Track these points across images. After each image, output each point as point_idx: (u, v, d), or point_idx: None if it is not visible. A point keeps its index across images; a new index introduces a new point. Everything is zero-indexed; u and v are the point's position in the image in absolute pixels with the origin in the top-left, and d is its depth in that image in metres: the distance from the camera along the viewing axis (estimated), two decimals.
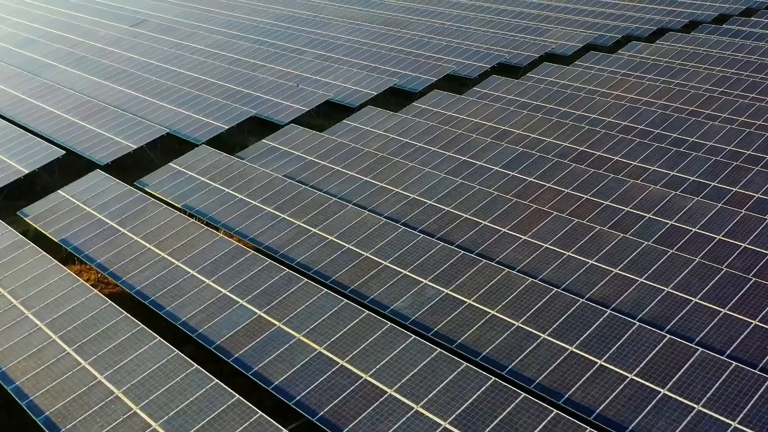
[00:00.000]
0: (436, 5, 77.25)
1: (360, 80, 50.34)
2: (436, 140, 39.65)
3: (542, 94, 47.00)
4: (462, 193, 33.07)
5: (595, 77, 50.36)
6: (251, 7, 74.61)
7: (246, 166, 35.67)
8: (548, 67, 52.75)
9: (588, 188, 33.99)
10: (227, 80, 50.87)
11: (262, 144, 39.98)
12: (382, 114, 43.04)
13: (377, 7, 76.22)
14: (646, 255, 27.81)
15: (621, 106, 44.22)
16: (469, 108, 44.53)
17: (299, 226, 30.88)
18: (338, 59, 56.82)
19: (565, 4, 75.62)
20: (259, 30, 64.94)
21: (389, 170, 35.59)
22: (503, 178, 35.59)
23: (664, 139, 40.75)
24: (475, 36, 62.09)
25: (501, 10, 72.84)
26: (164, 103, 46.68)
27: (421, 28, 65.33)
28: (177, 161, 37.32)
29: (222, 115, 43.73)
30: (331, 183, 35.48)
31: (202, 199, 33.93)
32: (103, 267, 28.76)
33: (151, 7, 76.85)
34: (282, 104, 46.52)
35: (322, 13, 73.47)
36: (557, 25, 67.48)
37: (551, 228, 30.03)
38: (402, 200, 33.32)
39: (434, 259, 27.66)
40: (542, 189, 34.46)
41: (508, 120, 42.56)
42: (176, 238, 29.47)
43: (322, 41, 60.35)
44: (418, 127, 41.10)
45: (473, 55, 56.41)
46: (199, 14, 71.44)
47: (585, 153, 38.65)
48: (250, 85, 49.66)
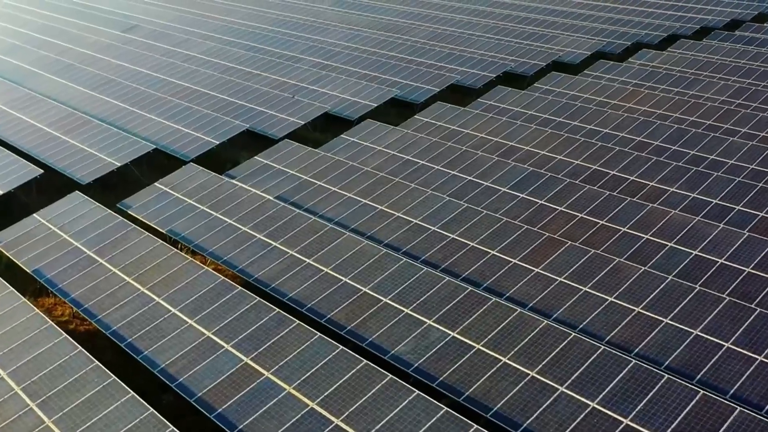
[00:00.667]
0: (438, 10, 74.89)
1: (359, 90, 47.95)
2: (439, 157, 37.25)
3: (551, 107, 44.60)
4: (468, 218, 30.67)
5: (606, 88, 47.96)
6: (247, 11, 72.23)
7: (236, 188, 33.27)
8: (556, 77, 50.35)
9: (603, 213, 31.59)
10: (220, 90, 48.47)
11: (254, 161, 37.58)
12: (382, 128, 40.65)
13: (377, 12, 73.86)
14: (670, 292, 25.41)
15: (634, 120, 41.83)
16: (474, 121, 42.14)
17: (292, 256, 28.47)
18: (337, 67, 54.43)
19: (571, 9, 73.23)
20: (255, 36, 62.55)
21: (390, 191, 33.19)
22: (512, 200, 33.19)
23: (681, 156, 38.35)
24: (479, 43, 59.71)
25: (505, 15, 70.47)
26: (153, 115, 44.28)
27: (423, 35, 62.96)
28: (163, 181, 34.92)
29: (213, 129, 41.34)
30: (328, 205, 33.09)
31: (189, 223, 31.53)
32: (78, 303, 26.35)
33: (144, 11, 74.49)
34: (277, 117, 44.13)
35: (320, 18, 71.11)
36: (564, 32, 65.11)
37: (566, 259, 27.63)
38: (403, 226, 30.93)
39: (439, 296, 25.26)
40: (554, 213, 32.06)
41: (516, 135, 40.16)
42: (158, 270, 27.07)
43: (320, 48, 57.97)
44: (421, 143, 38.71)
45: (477, 63, 54.02)
46: (193, 19, 69.07)
47: (598, 172, 36.25)
48: (243, 95, 47.27)
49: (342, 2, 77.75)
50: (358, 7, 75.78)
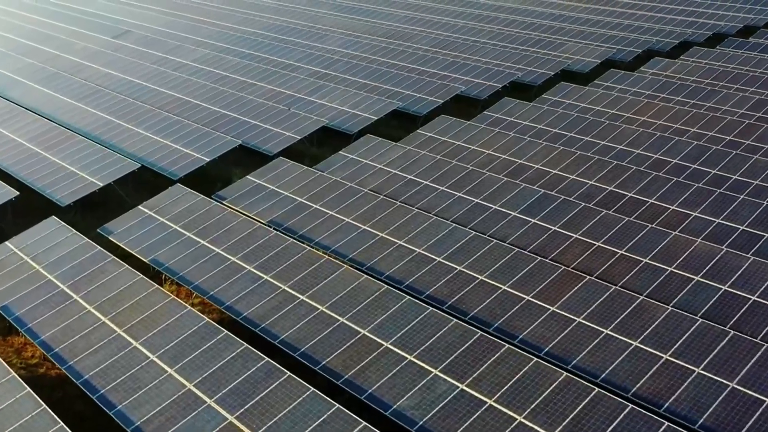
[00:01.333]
0: (441, 15, 72.47)
1: (359, 102, 45.52)
2: (444, 177, 34.83)
3: (561, 121, 42.19)
4: (476, 247, 28.25)
5: (618, 100, 45.54)
6: (243, 17, 69.81)
7: (225, 212, 30.85)
8: (566, 88, 47.94)
9: (623, 241, 29.17)
10: (212, 102, 46.05)
11: (246, 181, 35.16)
12: (383, 144, 38.24)
13: (378, 17, 71.44)
14: (701, 336, 23.00)
15: (650, 136, 39.41)
16: (481, 137, 39.72)
17: (284, 292, 26.05)
18: (335, 77, 52.01)
19: (578, 14, 70.80)
20: (251, 43, 60.13)
21: (391, 216, 30.77)
22: (523, 226, 30.77)
23: (702, 176, 35.93)
24: (484, 50, 57.30)
25: (510, 21, 68.04)
26: (140, 129, 41.86)
27: (426, 41, 60.54)
28: (147, 204, 32.51)
29: (204, 145, 38.92)
30: (324, 232, 30.67)
31: (173, 252, 29.12)
32: (48, 346, 23.94)
33: (136, 16, 72.07)
34: (272, 131, 41.71)
35: (318, 24, 68.69)
36: (572, 38, 62.70)
37: (584, 296, 25.22)
38: (406, 255, 28.50)
39: (446, 341, 22.84)
40: (569, 241, 29.64)
41: (525, 152, 37.74)
42: (137, 309, 24.65)
43: (318, 56, 55.55)
44: (424, 160, 36.29)
45: (483, 72, 51.59)
46: (186, 25, 66.64)
47: (614, 194, 33.83)
48: (237, 107, 44.85)
49: (341, 7, 75.37)
50: (358, 12, 73.38)
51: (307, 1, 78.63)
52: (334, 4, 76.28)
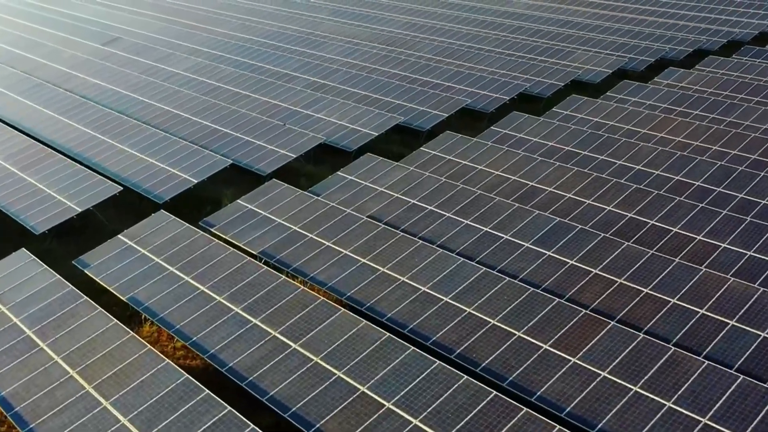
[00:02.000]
0: (444, 21, 69.85)
1: (359, 116, 42.92)
2: (450, 202, 32.23)
3: (573, 137, 39.59)
4: (486, 286, 25.65)
5: (633, 114, 42.93)
6: (239, 23, 67.19)
7: (212, 244, 28.24)
8: (577, 101, 45.34)
9: (647, 278, 26.55)
10: (203, 115, 43.45)
11: (236, 206, 32.56)
12: (384, 164, 35.64)
13: (379, 22, 68.82)
14: (742, 397, 20.40)
15: (670, 155, 36.81)
16: (488, 155, 37.12)
17: (275, 339, 23.46)
18: (334, 88, 49.41)
19: (587, 21, 68.18)
20: (246, 51, 57.52)
21: (393, 248, 28.17)
22: (537, 259, 28.16)
23: (728, 200, 33.32)
24: (489, 59, 54.68)
25: (516, 27, 65.41)
26: (125, 146, 39.26)
27: (429, 49, 57.93)
28: (128, 233, 29.92)
29: (192, 165, 36.32)
30: (320, 265, 28.07)
31: (154, 290, 26.52)
32: (8, 404, 21.35)
33: (128, 22, 69.47)
34: (266, 148, 39.10)
35: (317, 30, 66.08)
36: (581, 46, 60.08)
37: (608, 346, 22.62)
38: (409, 294, 25.90)
39: (456, 402, 20.24)
40: (588, 277, 27.02)
41: (536, 173, 35.14)
42: (109, 360, 22.06)
43: (316, 65, 52.94)
44: (428, 183, 33.68)
45: (489, 84, 48.98)
46: (179, 31, 64.04)
47: (635, 222, 31.21)
48: (229, 122, 42.24)
49: (341, 12, 72.79)
50: (358, 18, 70.77)
51: (306, 7, 76.07)
52: (333, 10, 73.71)
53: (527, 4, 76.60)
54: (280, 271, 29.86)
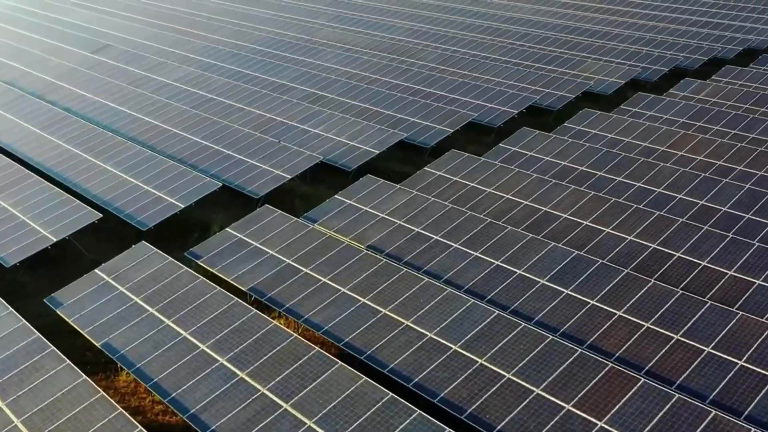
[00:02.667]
0: (448, 28, 67.24)
1: (359, 132, 40.36)
2: (457, 231, 29.66)
3: (588, 156, 37.03)
4: (500, 332, 23.09)
5: (651, 130, 40.37)
6: (234, 29, 64.62)
7: (197, 282, 25.67)
8: (590, 115, 42.78)
9: (677, 322, 23.99)
10: (193, 131, 40.88)
11: (225, 235, 29.99)
12: (386, 188, 33.07)
13: (380, 29, 66.22)
14: None
15: (693, 177, 34.24)
16: (497, 177, 34.55)
17: (263, 397, 20.88)
18: (332, 100, 46.83)
19: (597, 27, 65.61)
20: (240, 59, 54.95)
21: (396, 287, 25.61)
22: (554, 298, 25.59)
23: (759, 229, 30.74)
24: (495, 69, 52.11)
25: (523, 34, 62.82)
26: (108, 165, 36.71)
27: (432, 58, 55.35)
28: (106, 267, 27.36)
29: (180, 187, 33.77)
30: (315, 305, 25.51)
31: (132, 335, 23.95)
32: None
33: (120, 28, 66.90)
34: (259, 168, 36.54)
35: (315, 37, 63.51)
36: (591, 54, 57.50)
37: (639, 408, 20.05)
38: (414, 341, 23.34)
39: None
40: (611, 320, 24.45)
41: (549, 197, 32.57)
42: (75, 426, 19.48)
43: (314, 75, 50.37)
44: (433, 209, 31.11)
45: (496, 96, 46.41)
46: (172, 38, 61.47)
47: (660, 254, 28.63)
48: (221, 138, 39.67)
49: (340, 18, 70.19)
50: (358, 24, 68.18)
51: (305, 12, 73.49)
52: (332, 15, 71.11)
53: (533, 9, 74.05)
54: (271, 311, 27.31)
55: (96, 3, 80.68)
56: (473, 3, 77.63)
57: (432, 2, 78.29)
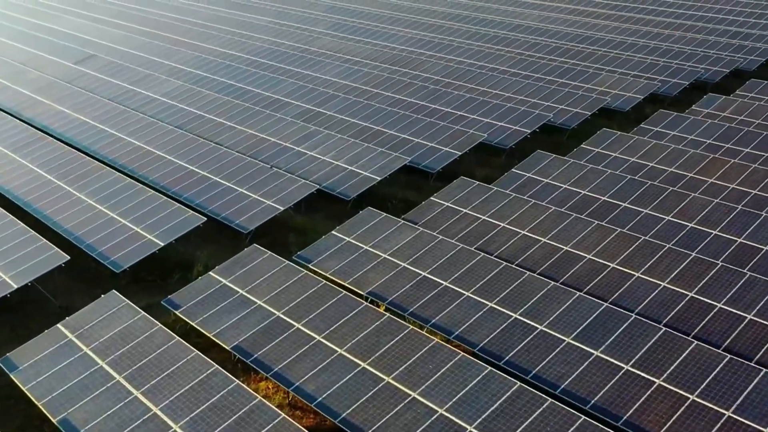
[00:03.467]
0: (453, 36, 63.90)
1: (359, 155, 37.07)
2: (468, 276, 26.34)
3: (609, 185, 33.71)
4: (522, 410, 19.76)
5: (676, 154, 37.07)
6: (228, 38, 61.30)
7: (171, 343, 22.35)
8: (609, 136, 39.47)
9: (727, 395, 20.67)
10: (178, 153, 37.59)
11: (209, 280, 26.67)
12: (389, 222, 29.77)
13: (381, 38, 62.90)
14: None
15: (728, 210, 30.93)
16: (511, 209, 31.24)
17: None
18: (330, 117, 43.53)
19: (610, 36, 62.30)
20: (233, 71, 51.66)
21: (400, 348, 22.30)
22: (581, 361, 22.27)
23: None
24: (504, 83, 48.80)
25: (533, 43, 59.49)
26: (83, 194, 33.42)
27: (437, 70, 52.05)
28: (70, 321, 24.05)
29: (160, 221, 30.48)
30: (307, 370, 22.20)
31: (94, 408, 20.64)
32: None
33: (108, 36, 63.58)
34: (248, 198, 33.23)
35: (313, 46, 60.20)
36: (606, 65, 54.18)
37: None
38: (422, 419, 20.02)
39: None
40: (650, 390, 21.14)
41: (570, 234, 29.25)
42: None
43: (311, 90, 47.08)
44: (441, 250, 27.80)
45: (507, 113, 43.10)
46: (161, 48, 58.16)
47: (699, 304, 25.30)
48: (208, 162, 36.39)
49: (340, 26, 66.86)
50: (358, 32, 64.86)
51: (302, 20, 70.17)
52: (331, 23, 67.79)
53: (541, 16, 70.73)
54: (256, 374, 23.99)
55: (85, 9, 77.42)
56: (478, 9, 74.33)
57: (435, 8, 75.04)
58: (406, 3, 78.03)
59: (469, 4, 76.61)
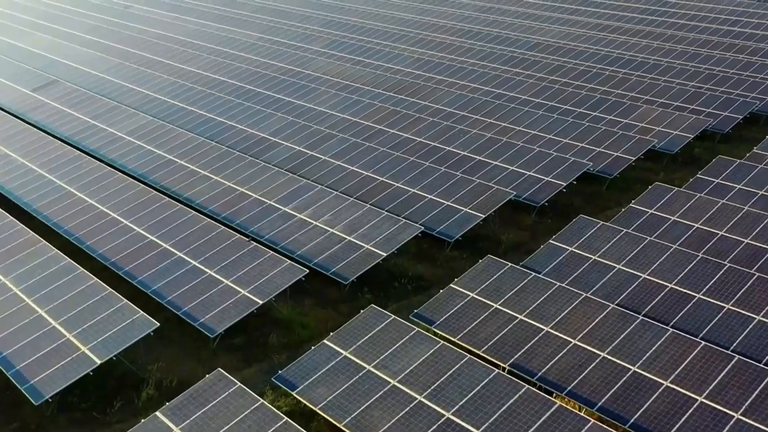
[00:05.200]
0: (464, 56, 56.76)
1: (360, 220, 30.03)
2: (494, 414, 19.25)
3: (675, 267, 26.60)
4: None
5: (752, 219, 30.00)
6: (211, 59, 54.19)
7: None
8: (664, 193, 32.43)
9: None
10: (136, 217, 30.52)
11: (152, 426, 19.56)
12: (396, 327, 22.72)
13: (384, 59, 55.75)
14: None
15: None
16: (554, 306, 24.16)
17: None
18: (324, 164, 36.48)
19: (640, 56, 55.20)
20: (213, 102, 44.59)
21: None
22: None
23: None
24: (529, 117, 41.74)
25: (557, 66, 52.34)
26: (8, 280, 26.30)
27: (450, 100, 44.97)
28: None
29: (98, 326, 23.39)
30: None
31: None
32: None
33: (77, 56, 56.45)
34: (220, 285, 26.15)
35: (307, 69, 53.12)
36: (641, 94, 47.08)
37: None
38: None
39: None
40: None
41: (638, 349, 22.16)
42: None
43: (303, 126, 40.04)
44: (465, 373, 20.72)
45: (537, 159, 36.05)
46: (134, 72, 51.07)
47: None
48: (171, 231, 29.31)
49: (337, 44, 59.60)
50: (357, 51, 57.66)
51: (296, 36, 62.98)
52: (329, 40, 60.63)
53: (562, 32, 63.60)
54: None
55: (58, 23, 70.31)
56: (491, 24, 67.22)
57: (444, 23, 67.99)
58: (410, 16, 71.01)
59: (482, 17, 69.51)
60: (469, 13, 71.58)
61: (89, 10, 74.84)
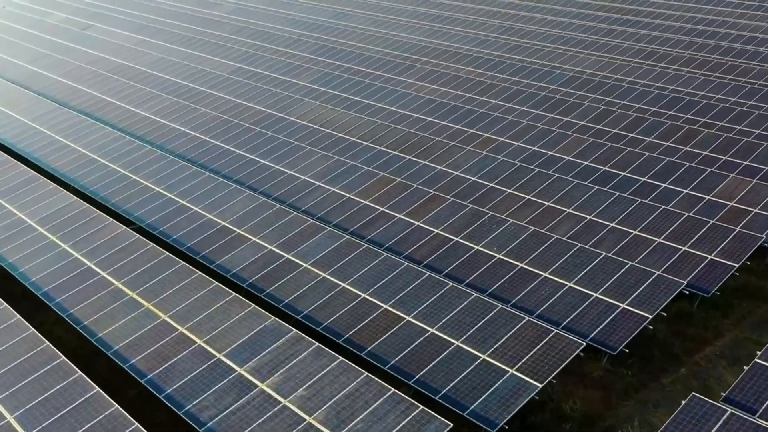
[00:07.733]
0: (487, 94, 46.04)
1: (359, 393, 19.44)
2: None
3: None
4: None
5: None
6: (171, 101, 43.52)
7: None
8: None
9: None
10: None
11: None
12: None
13: (387, 99, 45.00)
14: None
15: None
16: None
17: None
18: (304, 275, 25.87)
19: (697, 93, 44.58)
20: (161, 167, 34.02)
21: None
22: None
23: None
24: (577, 192, 31.21)
25: (604, 111, 41.71)
26: None
27: (472, 165, 34.37)
28: None
29: None
30: None
31: None
32: None
33: (3, 99, 45.85)
34: None
35: (292, 114, 42.48)
36: (718, 153, 36.52)
37: None
38: None
39: None
40: None
41: None
42: None
43: (276, 213, 29.46)
44: None
45: (603, 272, 25.42)
46: (71, 123, 40.40)
47: None
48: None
49: (330, 78, 48.75)
50: (354, 89, 46.89)
51: (281, 68, 52.18)
52: (319, 73, 49.87)
53: (598, 60, 52.87)
54: None
55: (1, 50, 59.74)
56: (514, 50, 56.55)
57: (457, 47, 57.42)
58: (418, 39, 60.43)
59: (501, 41, 58.81)
60: (486, 35, 60.94)
61: (43, 32, 64.27)
